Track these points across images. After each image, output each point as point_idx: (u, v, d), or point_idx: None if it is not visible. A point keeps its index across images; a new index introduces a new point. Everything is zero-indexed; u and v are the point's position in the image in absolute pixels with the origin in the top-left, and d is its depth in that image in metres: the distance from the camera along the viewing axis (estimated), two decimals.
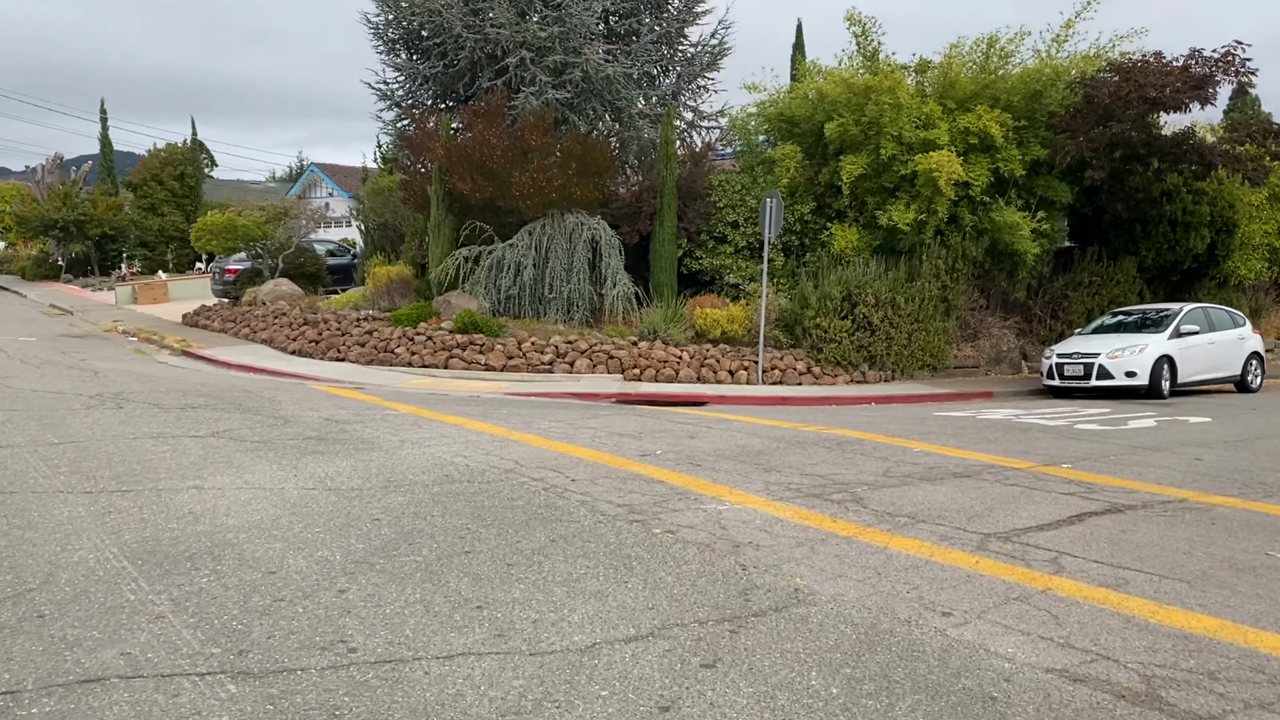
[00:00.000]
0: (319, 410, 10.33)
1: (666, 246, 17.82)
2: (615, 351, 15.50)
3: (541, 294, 17.27)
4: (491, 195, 17.17)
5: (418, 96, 20.38)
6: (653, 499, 6.20)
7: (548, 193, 16.77)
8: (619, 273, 17.00)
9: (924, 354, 17.21)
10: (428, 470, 6.96)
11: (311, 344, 17.42)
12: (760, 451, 8.34)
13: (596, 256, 17.34)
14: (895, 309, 16.63)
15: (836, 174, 17.73)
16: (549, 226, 17.26)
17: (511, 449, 8.07)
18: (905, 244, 17.45)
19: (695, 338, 16.45)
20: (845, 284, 16.39)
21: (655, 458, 7.87)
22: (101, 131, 61.80)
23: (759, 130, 20.25)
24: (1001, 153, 17.08)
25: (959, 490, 6.79)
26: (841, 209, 18.26)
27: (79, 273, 51.24)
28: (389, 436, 8.59)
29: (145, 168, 61.02)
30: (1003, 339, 19.15)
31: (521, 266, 17.16)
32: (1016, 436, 9.92)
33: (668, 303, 16.99)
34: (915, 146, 16.96)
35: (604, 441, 8.69)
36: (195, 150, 65.49)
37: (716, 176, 18.95)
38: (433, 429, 9.19)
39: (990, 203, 17.25)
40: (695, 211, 18.24)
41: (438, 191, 17.88)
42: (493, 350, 15.71)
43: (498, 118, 17.08)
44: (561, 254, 17.09)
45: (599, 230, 17.16)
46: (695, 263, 18.50)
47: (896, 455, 8.35)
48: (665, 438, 9.07)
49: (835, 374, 16.25)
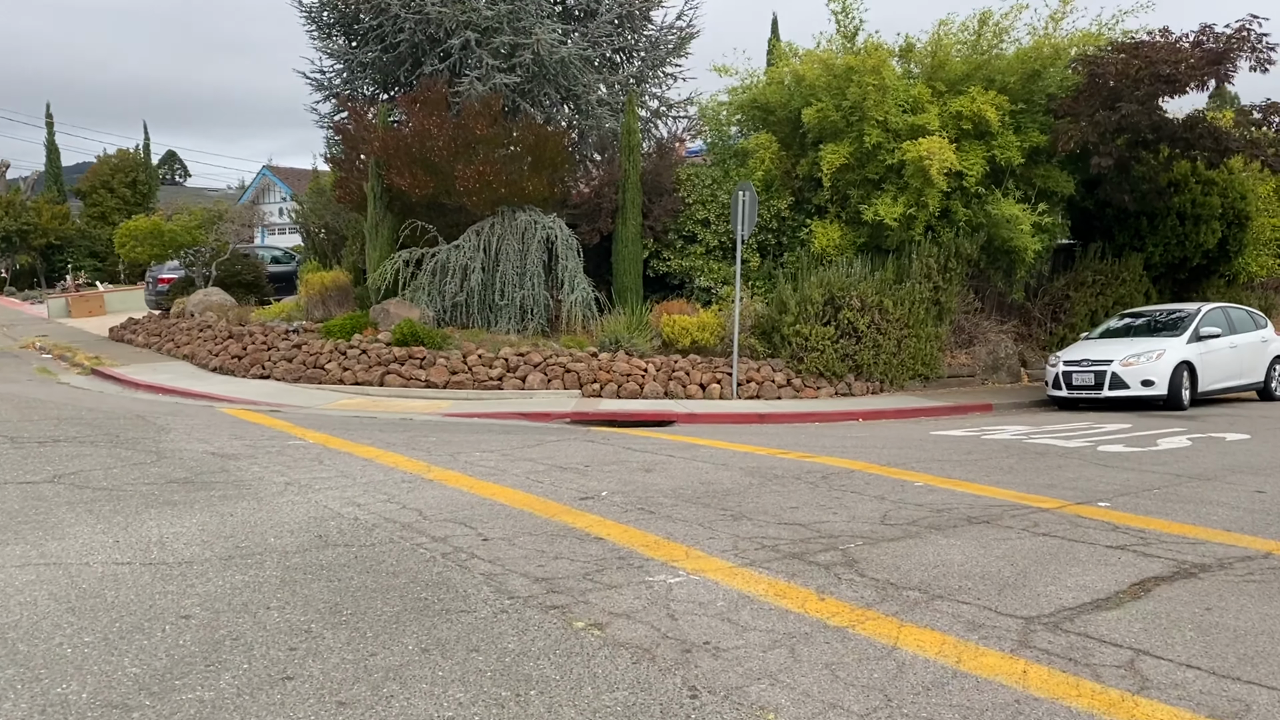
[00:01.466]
0: (209, 442, 8.86)
1: (630, 247, 16.44)
2: (572, 364, 14.08)
3: (491, 300, 15.83)
4: (434, 192, 15.72)
5: (357, 87, 18.91)
6: (584, 568, 4.79)
7: (496, 188, 15.34)
8: (577, 276, 15.60)
9: (915, 362, 15.91)
10: (299, 529, 5.51)
11: (234, 360, 15.89)
12: (730, 490, 6.95)
13: (552, 259, 15.93)
14: (883, 313, 15.32)
15: (816, 165, 16.43)
16: (499, 226, 15.83)
17: (422, 493, 6.64)
18: (893, 241, 16.16)
19: (662, 348, 15.07)
20: (827, 286, 15.06)
21: (599, 501, 6.46)
22: (47, 137, 59.80)
23: (731, 120, 18.94)
24: (998, 139, 15.84)
25: (979, 545, 5.42)
26: (822, 204, 16.96)
27: (24, 285, 49.21)
28: (276, 477, 7.13)
29: (94, 175, 58.96)
30: (1000, 345, 17.90)
31: (469, 270, 15.71)
32: (1033, 463, 8.58)
33: (632, 309, 15.61)
34: (902, 133, 15.69)
35: (540, 479, 7.28)
36: (148, 156, 63.58)
37: (685, 170, 17.60)
38: (336, 465, 7.74)
39: (986, 195, 16.01)
40: (662, 208, 16.87)
41: (375, 189, 16.41)
42: (434, 365, 14.24)
43: (439, 106, 15.64)
44: (513, 256, 15.67)
45: (554, 229, 15.75)
46: (663, 264, 17.13)
47: (895, 492, 6.98)
48: (616, 472, 7.66)
49: (818, 386, 14.91)
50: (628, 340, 14.66)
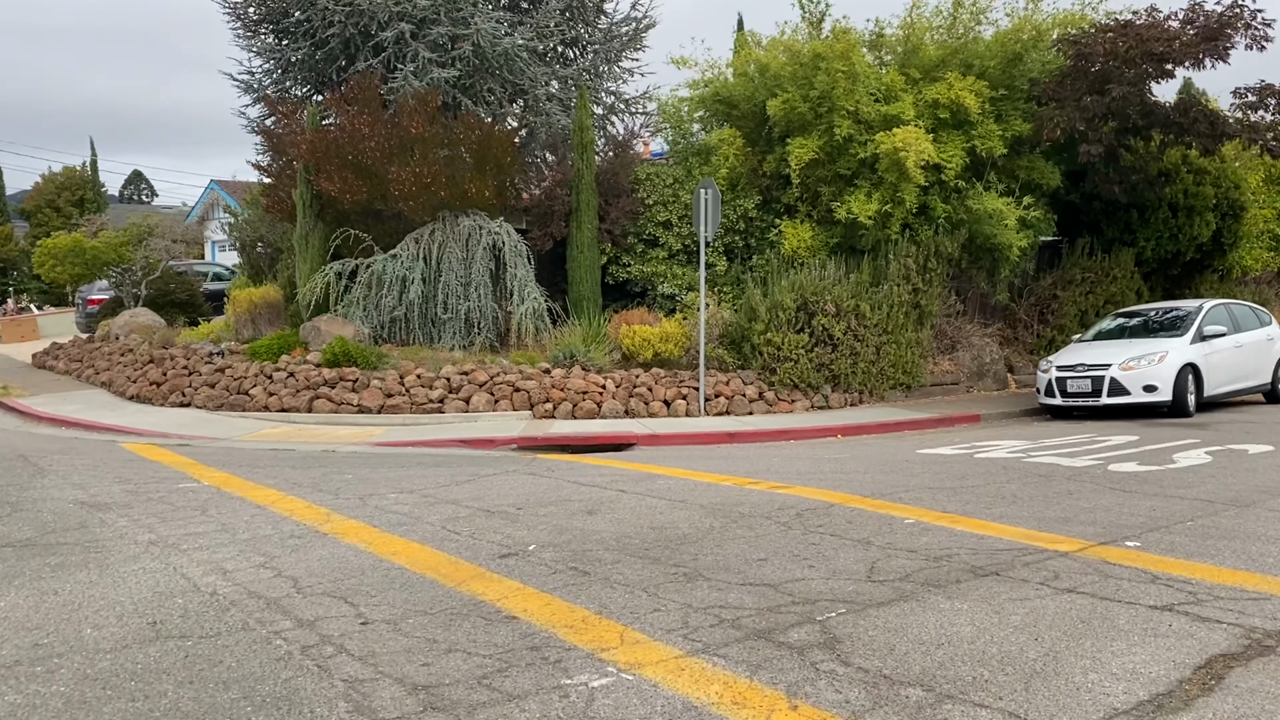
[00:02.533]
0: (85, 488, 7.69)
1: (586, 252, 15.37)
2: (522, 383, 12.96)
3: (433, 314, 14.69)
4: (368, 197, 14.58)
5: (287, 88, 17.74)
6: (482, 666, 3.69)
7: (435, 191, 14.22)
8: (527, 285, 14.50)
9: (896, 371, 14.93)
10: (133, 612, 4.38)
11: (153, 387, 14.63)
12: (686, 537, 5.87)
13: (500, 267, 14.83)
14: (860, 319, 14.34)
15: (784, 161, 15.46)
16: (440, 232, 14.70)
17: (308, 553, 5.52)
18: (868, 241, 15.21)
19: (622, 361, 14.00)
20: (800, 291, 14.06)
21: (524, 559, 5.36)
22: None
23: (692, 115, 17.95)
24: (978, 128, 14.94)
25: (991, 609, 4.37)
26: (792, 202, 15.99)
27: None
28: (141, 534, 5.99)
29: (39, 193, 57.12)
30: (985, 349, 16.98)
31: (407, 281, 14.56)
32: (1039, 488, 7.57)
33: (589, 320, 14.54)
34: (875, 124, 14.75)
35: (459, 528, 6.17)
36: (95, 173, 61.81)
37: (644, 169, 16.58)
38: (221, 515, 6.59)
39: (966, 189, 15.09)
40: (620, 210, 15.82)
41: (304, 196, 15.24)
42: (368, 387, 13.07)
43: (372, 104, 14.52)
44: (456, 265, 14.54)
45: (501, 235, 14.65)
46: (623, 271, 16.08)
47: (882, 533, 5.93)
48: (553, 515, 6.56)
49: (792, 399, 13.89)
50: (584, 354, 13.57)
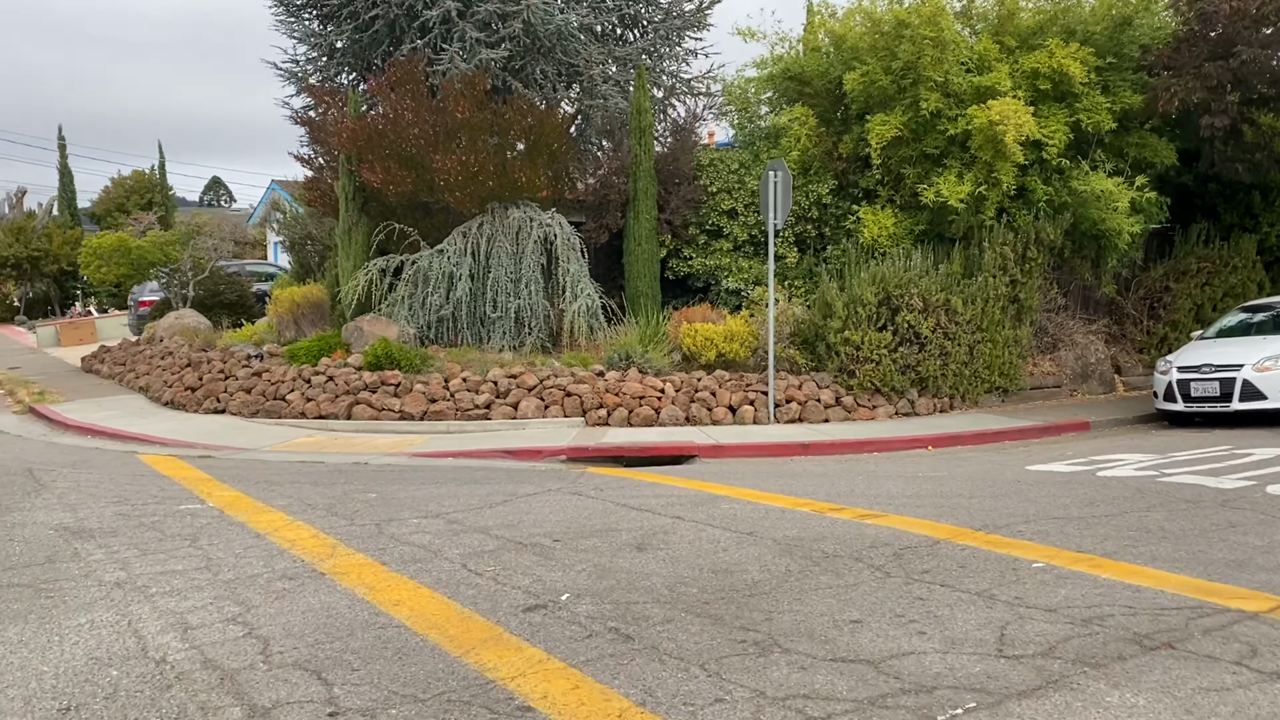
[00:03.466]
0: (77, 509, 6.94)
1: (644, 245, 14.35)
2: (574, 387, 11.99)
3: (482, 313, 13.82)
4: (412, 188, 13.77)
5: (331, 76, 17.07)
6: None
7: (483, 180, 13.34)
8: (581, 281, 13.53)
9: (991, 373, 13.59)
10: (47, 691, 3.51)
11: (188, 392, 14.02)
12: (755, 585, 4.80)
13: (552, 261, 13.90)
14: (950, 315, 13.05)
15: (862, 141, 14.23)
16: (488, 225, 13.83)
17: (294, 601, 4.60)
18: (958, 227, 13.89)
19: (683, 363, 12.93)
20: (882, 284, 12.83)
21: (554, 613, 4.36)
22: (60, 160, 59.24)
23: (760, 96, 16.78)
24: (1083, 100, 13.52)
25: (1178, 704, 3.24)
26: (871, 186, 14.75)
27: (39, 313, 48.27)
28: (110, 573, 5.16)
29: (108, 197, 58.28)
30: (1089, 348, 15.49)
31: (455, 278, 13.71)
32: (1189, 518, 6.30)
33: (646, 318, 13.51)
34: (966, 97, 13.44)
35: (482, 566, 5.19)
36: (163, 175, 62.83)
37: (707, 154, 15.51)
38: (212, 547, 5.74)
39: (1070, 168, 13.67)
40: (681, 199, 14.77)
41: (346, 188, 14.50)
42: (410, 392, 12.23)
43: (415, 87, 13.69)
44: (506, 260, 13.64)
45: (553, 227, 13.71)
46: (683, 264, 15.02)
47: (1006, 581, 4.78)
48: (595, 550, 5.55)
49: (873, 404, 12.67)
50: (641, 355, 12.55)
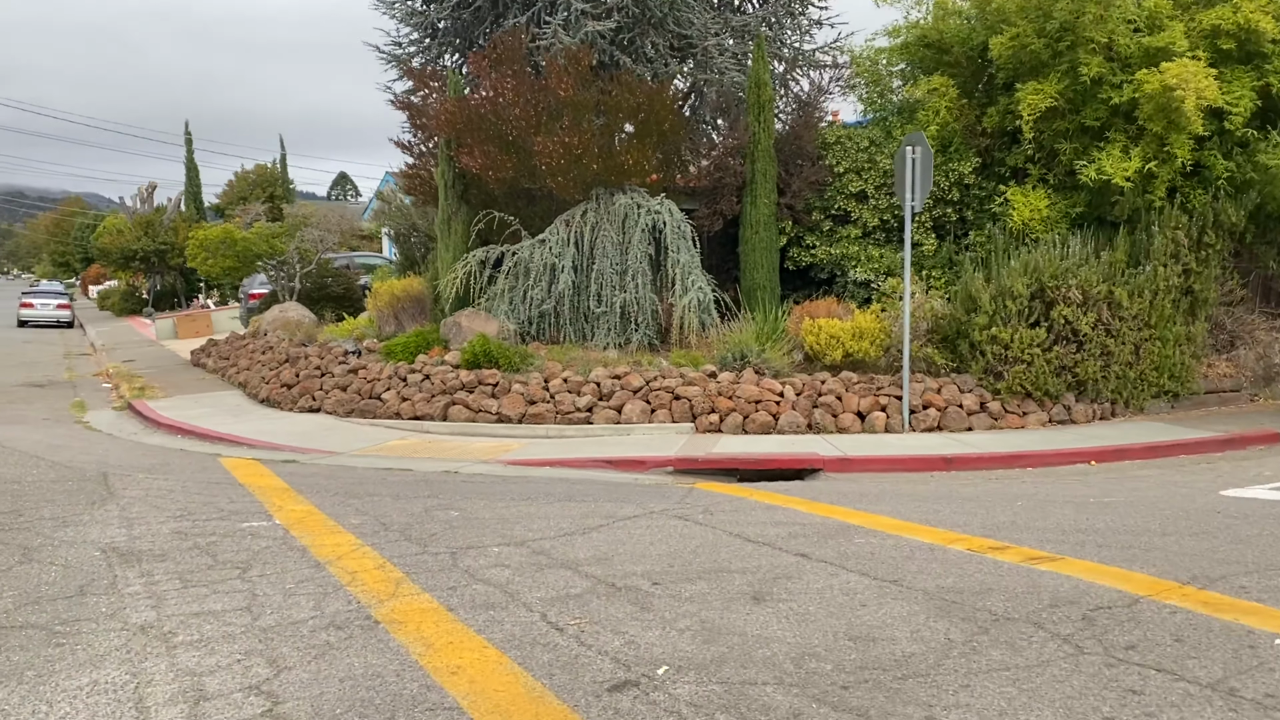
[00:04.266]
0: (134, 525, 6.44)
1: (762, 233, 13.32)
2: (683, 389, 11.08)
3: (585, 308, 13.05)
4: (513, 173, 13.09)
5: (433, 57, 16.56)
6: None
7: (587, 163, 12.55)
8: (692, 273, 12.60)
9: (1159, 375, 12.07)
10: None
11: (283, 389, 13.72)
12: (907, 663, 3.80)
13: (661, 251, 13.01)
14: (1114, 309, 11.60)
15: (1010, 113, 12.87)
16: (592, 213, 13.04)
17: (336, 661, 3.85)
18: (1123, 210, 12.40)
19: (805, 363, 11.87)
20: (1035, 274, 11.48)
21: (647, 695, 3.47)
22: (186, 155, 61.56)
23: (892, 68, 15.50)
24: (1274, 61, 11.84)
25: None
26: (1020, 165, 13.35)
27: (166, 305, 50.22)
28: (138, 613, 4.55)
29: (232, 191, 60.33)
30: (1273, 346, 13.70)
31: (556, 270, 12.98)
32: None
33: (764, 313, 12.49)
34: (1134, 60, 11.93)
35: (564, 618, 4.34)
36: (284, 169, 64.74)
37: (832, 131, 14.34)
38: (259, 581, 5.08)
39: (1257, 140, 12.01)
40: (803, 181, 13.68)
41: (445, 175, 13.95)
42: (509, 392, 11.55)
43: (516, 64, 12.99)
44: (611, 250, 12.83)
45: (662, 214, 12.82)
46: (805, 254, 13.93)
47: (1245, 670, 3.66)
48: (702, 599, 4.63)
49: (1023, 411, 11.36)
50: (757, 354, 11.54)
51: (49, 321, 39.33)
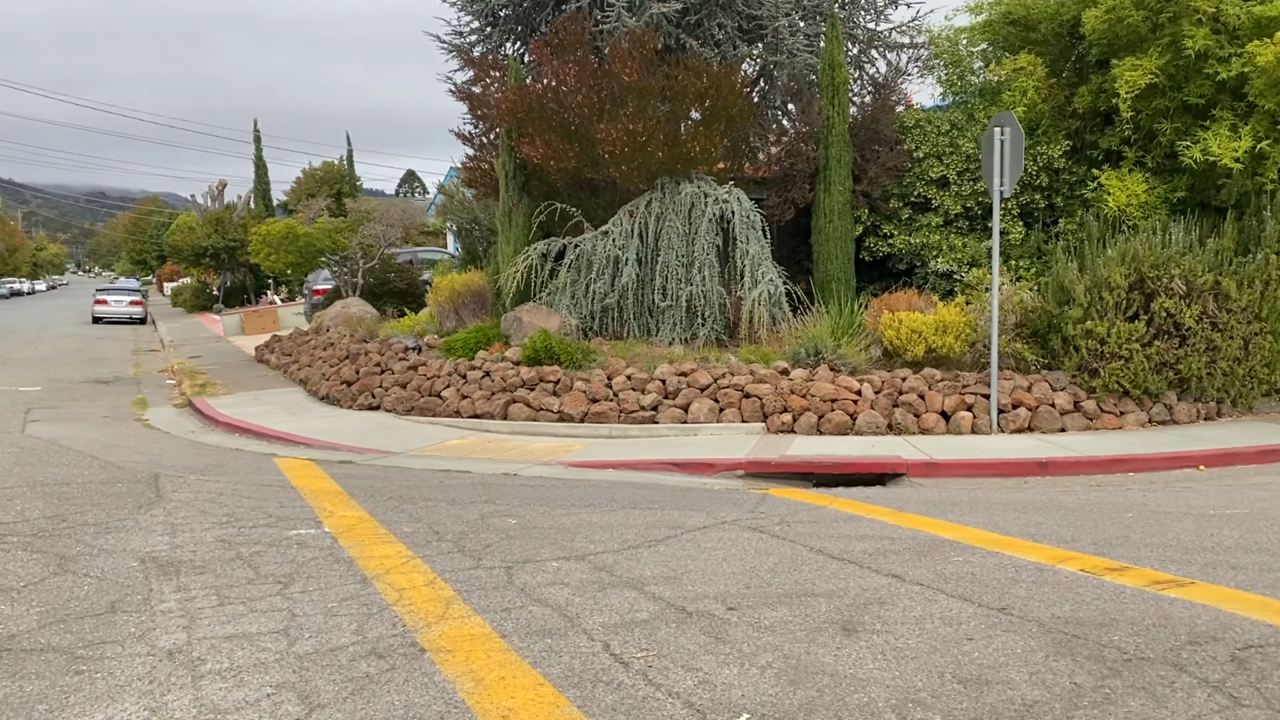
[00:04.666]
0: (178, 533, 6.18)
1: (836, 222, 12.72)
2: (753, 387, 10.56)
3: (650, 301, 12.59)
4: (575, 163, 12.68)
5: (495, 46, 16.23)
6: None
7: (651, 151, 12.09)
8: (761, 264, 12.06)
9: (1270, 372, 11.20)
10: None
11: (343, 386, 13.52)
12: (1028, 713, 3.26)
13: (729, 242, 12.49)
14: (1221, 301, 10.77)
15: (1103, 92, 12.09)
16: (657, 203, 12.57)
17: (374, 699, 3.49)
18: (1230, 194, 11.55)
19: (884, 359, 11.27)
20: (1134, 263, 10.71)
21: None
22: (255, 153, 62.50)
23: (974, 48, 14.74)
24: None
25: None
26: (1114, 147, 12.54)
27: (236, 301, 51.03)
28: (167, 635, 4.24)
29: (300, 188, 61.20)
30: None
31: (620, 262, 12.54)
32: None
33: (839, 306, 11.89)
34: (1244, 31, 11.08)
35: (628, 650, 3.89)
36: (351, 166, 65.45)
37: (911, 114, 13.67)
38: (300, 599, 4.74)
39: None
40: (880, 167, 13.05)
41: (506, 166, 13.60)
42: (570, 390, 11.15)
43: (578, 49, 12.57)
44: (677, 241, 12.35)
45: (730, 203, 12.30)
46: (882, 244, 13.30)
47: None
48: (785, 628, 4.14)
49: (1121, 410, 10.61)
50: (832, 350, 10.97)
51: (122, 318, 40.08)
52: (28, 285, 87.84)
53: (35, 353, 24.34)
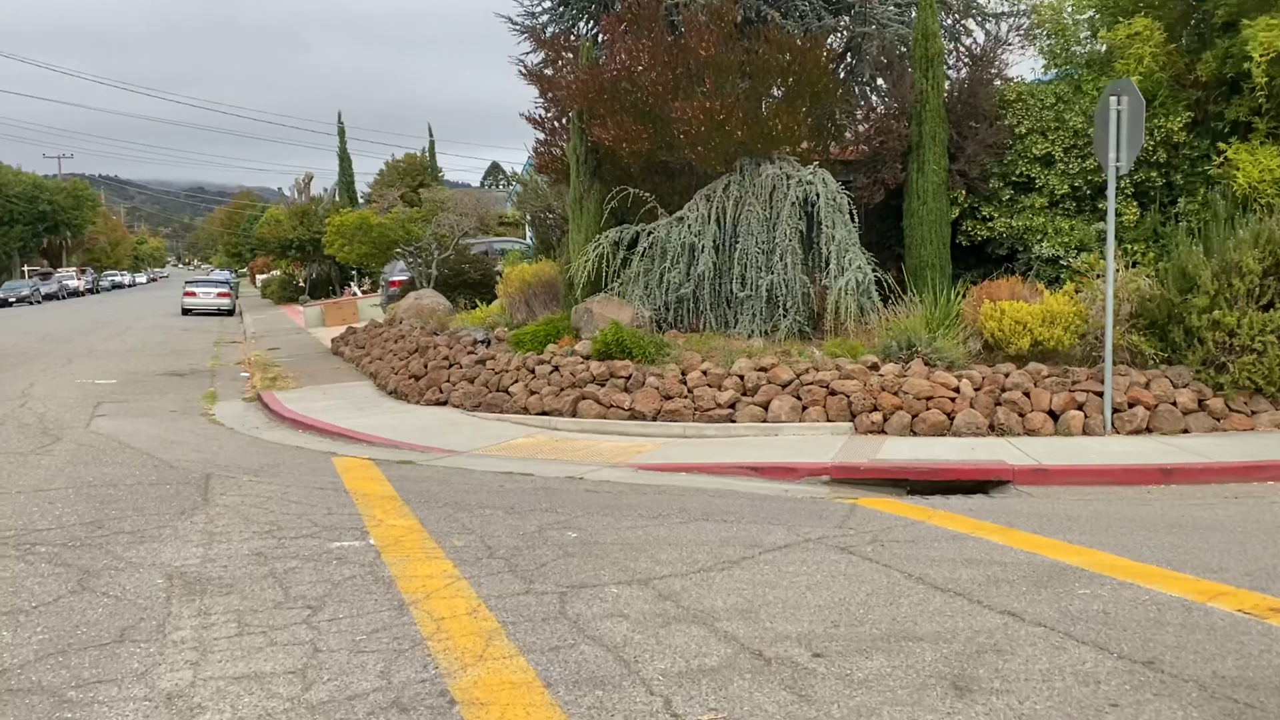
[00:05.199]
0: (214, 543, 5.82)
1: (930, 203, 11.86)
2: (839, 383, 9.81)
3: (728, 291, 11.92)
4: (649, 145, 12.07)
5: (568, 26, 15.69)
6: None
7: (730, 130, 11.39)
8: (848, 250, 11.28)
9: None
10: None
11: (411, 381, 13.16)
12: None
13: (813, 227, 11.72)
14: None
15: (1233, 57, 10.96)
16: (736, 186, 11.87)
17: None
18: None
19: (984, 353, 10.40)
20: (1269, 246, 9.63)
21: None
22: (340, 146, 63.28)
23: (1081, 14, 13.64)
24: None
25: None
26: (1242, 118, 11.42)
27: (321, 293, 51.76)
28: (173, 672, 3.79)
29: (383, 180, 61.91)
30: None
31: (696, 250, 11.89)
32: None
33: (934, 295, 11.04)
34: None
35: (695, 707, 3.28)
36: (432, 157, 65.95)
37: (1012, 88, 12.69)
38: (330, 627, 4.27)
39: None
40: (978, 144, 12.13)
41: (577, 149, 13.05)
42: (643, 386, 10.56)
43: (651, 24, 11.93)
44: (756, 227, 11.64)
45: (815, 184, 11.53)
46: (981, 227, 12.38)
47: None
48: (884, 679, 3.48)
49: (1253, 409, 9.57)
50: (927, 343, 10.14)
51: (210, 310, 40.74)
52: (129, 278, 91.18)
53: (122, 344, 24.75)
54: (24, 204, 69.66)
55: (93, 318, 36.80)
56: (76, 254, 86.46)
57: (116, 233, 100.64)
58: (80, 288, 67.29)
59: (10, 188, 69.19)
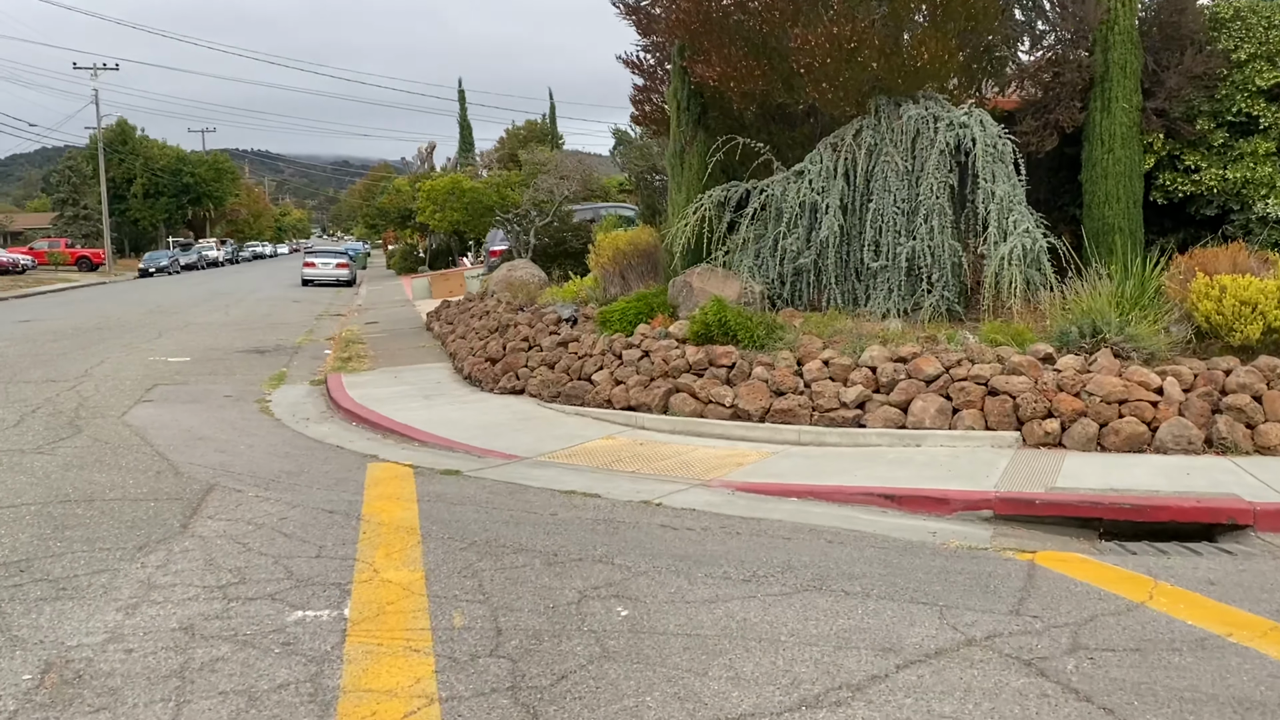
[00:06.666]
0: (152, 592, 4.64)
1: (1118, 152, 9.59)
2: (1002, 379, 7.77)
3: (858, 261, 9.94)
4: (763, 84, 10.17)
5: None
6: None
7: (863, 62, 9.38)
8: (1013, 210, 9.13)
9: None
10: None
11: (486, 365, 11.69)
12: None
13: (967, 182, 9.62)
14: None
15: None
16: (869, 131, 9.85)
17: None
18: None
19: (1195, 342, 8.15)
20: None
21: None
22: (460, 114, 62.95)
23: None
24: None
25: None
26: None
27: (442, 264, 51.44)
28: None
29: (503, 147, 61.38)
30: None
31: (818, 211, 9.95)
32: None
33: (1123, 266, 8.78)
34: None
35: None
36: (553, 124, 64.89)
37: (1229, 4, 10.20)
38: None
39: None
40: (1181, 76, 9.77)
41: (678, 93, 11.25)
42: (748, 378, 8.75)
43: None
44: (894, 182, 9.61)
45: (970, 127, 9.40)
46: (1184, 180, 10.02)
47: None
48: None
49: None
50: (1117, 329, 7.97)
51: (329, 280, 40.56)
52: (269, 249, 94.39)
53: (224, 317, 24.34)
54: (168, 177, 72.29)
55: (211, 289, 37.08)
56: (219, 225, 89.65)
57: (258, 204, 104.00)
58: (220, 258, 69.38)
59: (155, 161, 71.91)
